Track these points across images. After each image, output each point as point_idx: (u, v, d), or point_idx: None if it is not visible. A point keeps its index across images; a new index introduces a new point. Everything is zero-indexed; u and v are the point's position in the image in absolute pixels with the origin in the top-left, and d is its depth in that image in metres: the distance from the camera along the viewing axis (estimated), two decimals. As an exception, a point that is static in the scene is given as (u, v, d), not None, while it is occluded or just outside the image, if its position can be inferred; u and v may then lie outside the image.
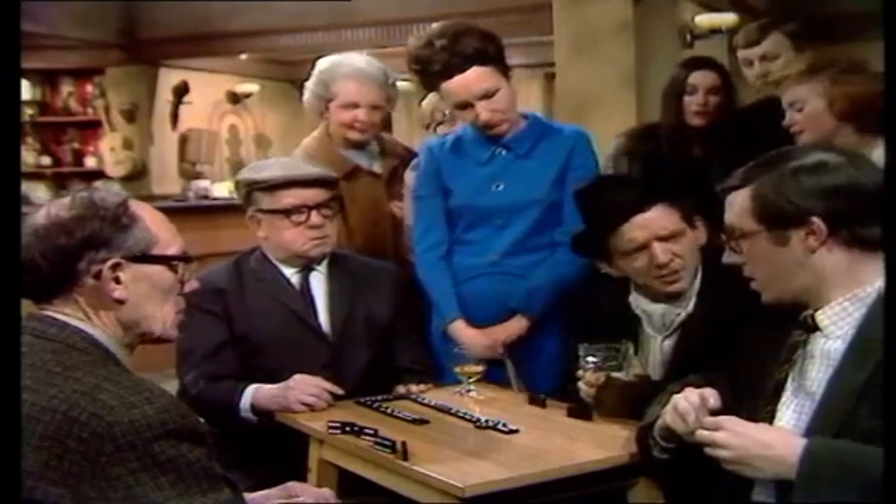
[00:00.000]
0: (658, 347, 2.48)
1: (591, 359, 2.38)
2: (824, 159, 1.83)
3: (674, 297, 2.46)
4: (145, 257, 1.70)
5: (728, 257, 1.93)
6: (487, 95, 2.83)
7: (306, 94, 3.34)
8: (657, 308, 2.48)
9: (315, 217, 2.76)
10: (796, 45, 3.58)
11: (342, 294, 2.83)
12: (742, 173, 1.90)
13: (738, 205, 1.88)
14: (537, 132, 2.94)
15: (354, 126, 3.24)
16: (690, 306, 2.45)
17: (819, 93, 2.75)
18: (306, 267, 2.84)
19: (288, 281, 2.83)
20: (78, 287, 1.66)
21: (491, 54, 2.85)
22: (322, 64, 3.33)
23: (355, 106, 3.23)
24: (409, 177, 3.23)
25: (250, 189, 2.80)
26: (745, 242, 1.88)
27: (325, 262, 2.86)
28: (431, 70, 2.84)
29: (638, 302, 2.51)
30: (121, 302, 1.68)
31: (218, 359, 2.72)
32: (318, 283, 2.84)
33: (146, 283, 1.71)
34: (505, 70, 2.88)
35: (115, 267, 1.66)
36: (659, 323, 2.48)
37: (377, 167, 3.33)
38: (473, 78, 2.82)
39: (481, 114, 2.84)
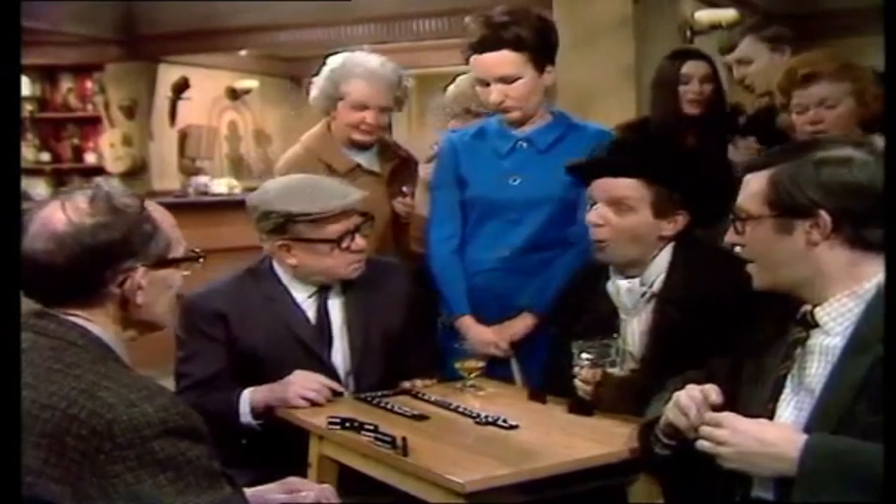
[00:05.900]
0: (632, 331, 2.50)
1: (585, 356, 2.38)
2: (851, 155, 1.79)
3: (633, 273, 2.49)
4: (163, 262, 1.71)
5: (730, 237, 1.93)
6: (505, 80, 2.82)
7: (314, 91, 3.29)
8: (622, 284, 2.51)
9: (359, 240, 2.67)
10: (773, 47, 3.63)
11: (357, 314, 2.70)
12: (766, 156, 1.88)
13: (752, 187, 1.86)
14: (561, 129, 2.92)
15: (361, 127, 3.22)
16: (656, 286, 2.47)
17: (851, 92, 2.70)
18: (324, 287, 2.71)
19: (298, 306, 2.69)
20: (103, 294, 1.66)
21: (529, 44, 2.81)
22: (334, 62, 3.27)
23: (364, 107, 3.20)
24: (423, 169, 3.22)
25: (289, 220, 2.61)
26: (749, 224, 1.87)
27: None
28: (469, 40, 2.84)
29: (610, 283, 2.54)
30: (140, 306, 1.69)
31: (214, 386, 2.63)
32: (335, 307, 2.71)
33: (161, 285, 1.72)
34: (540, 62, 2.85)
35: (139, 274, 1.67)
36: (627, 302, 2.50)
37: (377, 167, 3.31)
38: (497, 60, 2.81)
39: (492, 94, 2.84)
